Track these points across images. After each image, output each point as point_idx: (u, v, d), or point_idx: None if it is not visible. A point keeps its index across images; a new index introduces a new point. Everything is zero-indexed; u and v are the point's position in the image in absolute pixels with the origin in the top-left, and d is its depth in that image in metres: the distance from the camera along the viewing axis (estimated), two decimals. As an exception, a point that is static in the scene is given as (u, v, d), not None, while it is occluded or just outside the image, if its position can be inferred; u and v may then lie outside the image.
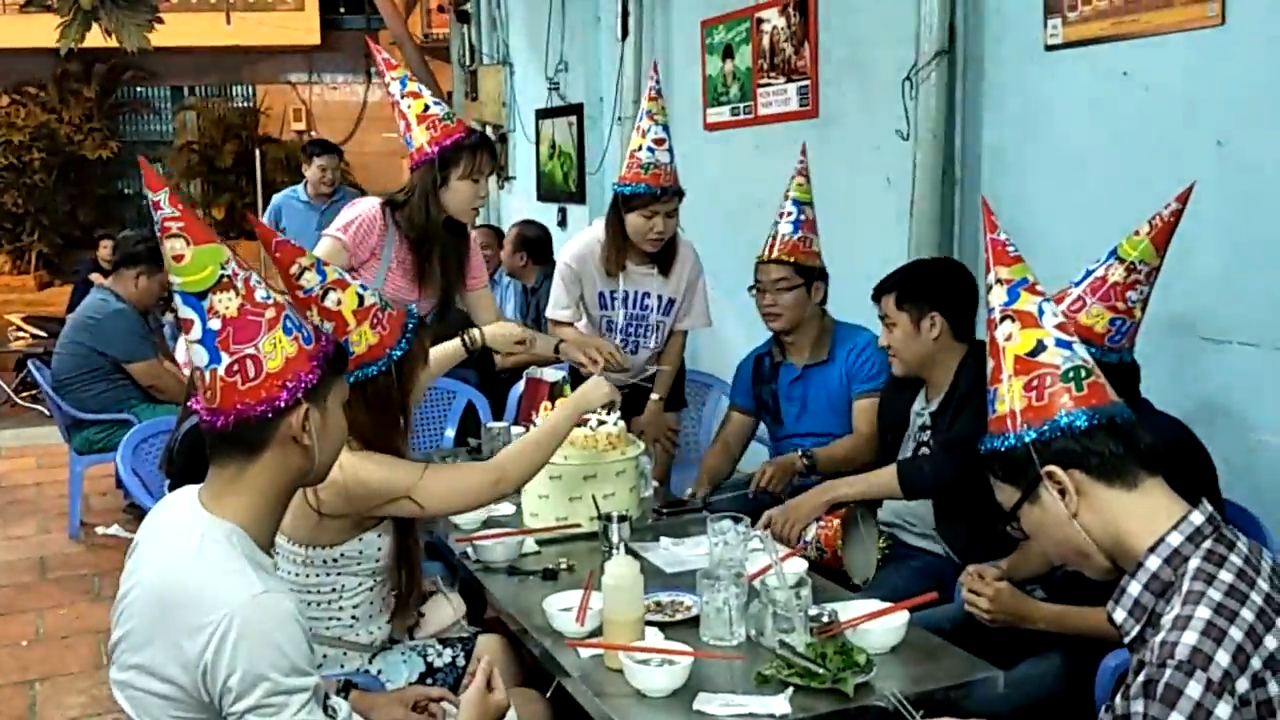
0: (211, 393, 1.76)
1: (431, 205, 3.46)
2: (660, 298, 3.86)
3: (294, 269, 2.34)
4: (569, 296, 3.84)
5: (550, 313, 3.91)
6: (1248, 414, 3.09)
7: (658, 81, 3.81)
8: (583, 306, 3.89)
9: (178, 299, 1.77)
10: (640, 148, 3.68)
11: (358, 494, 2.32)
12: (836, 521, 2.87)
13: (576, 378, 3.45)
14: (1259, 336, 3.07)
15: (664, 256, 3.81)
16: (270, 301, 1.80)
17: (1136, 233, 2.49)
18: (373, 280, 3.42)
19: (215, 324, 1.75)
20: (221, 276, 1.75)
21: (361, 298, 2.38)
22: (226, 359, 1.75)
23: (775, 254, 3.49)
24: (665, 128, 3.71)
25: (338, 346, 1.89)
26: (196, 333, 1.76)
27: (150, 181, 1.75)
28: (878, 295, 3.07)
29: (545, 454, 2.61)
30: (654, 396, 3.88)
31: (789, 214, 3.52)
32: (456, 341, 3.25)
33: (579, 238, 3.95)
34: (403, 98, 3.48)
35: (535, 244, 6.00)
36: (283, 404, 1.76)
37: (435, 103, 3.48)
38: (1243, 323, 3.10)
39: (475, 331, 3.29)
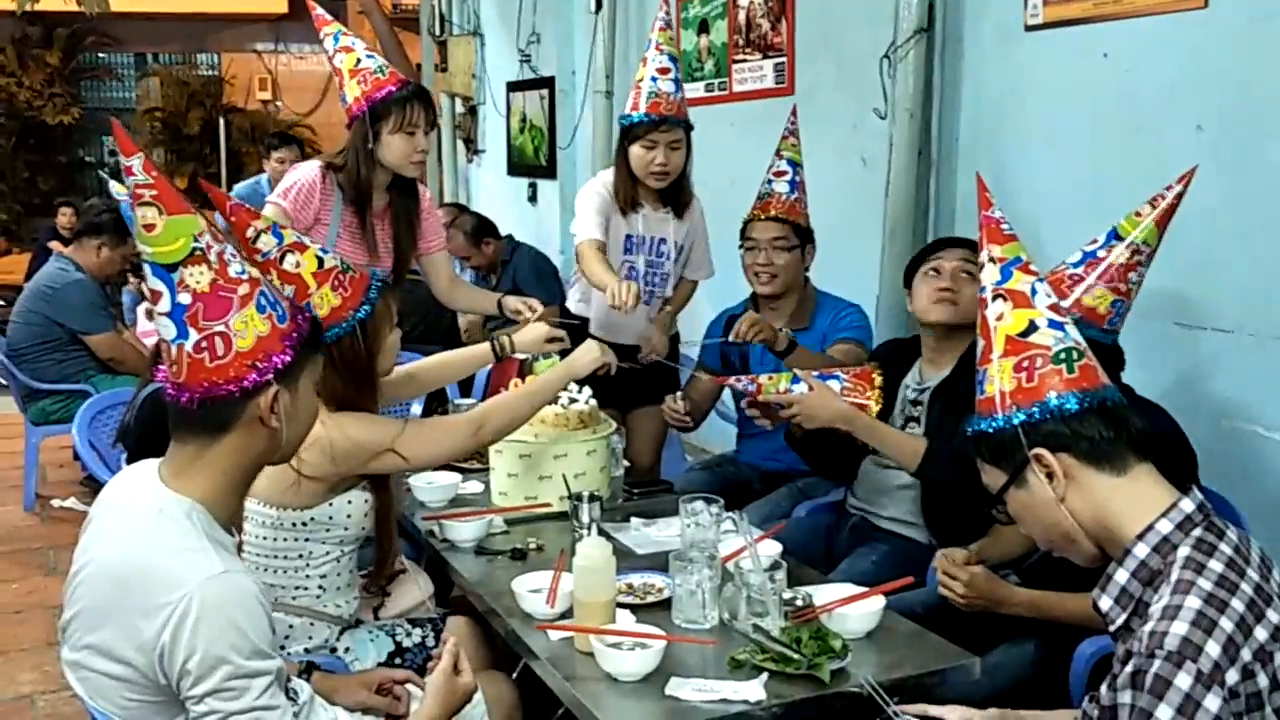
0: (177, 368, 1.69)
1: (364, 163, 3.33)
2: (676, 244, 3.66)
3: (250, 232, 2.30)
4: (600, 215, 3.51)
5: (583, 234, 3.49)
6: (1220, 400, 3.09)
7: (668, 12, 3.66)
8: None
9: (146, 269, 1.69)
10: (644, 77, 3.53)
11: (343, 450, 2.31)
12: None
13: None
14: (1232, 322, 3.06)
15: (678, 198, 3.62)
16: (245, 277, 1.72)
17: (1137, 214, 2.47)
18: None
19: (185, 298, 1.68)
20: (194, 249, 1.68)
21: (321, 260, 2.35)
22: (195, 335, 1.68)
23: (774, 212, 3.41)
24: (671, 57, 3.53)
25: (314, 324, 1.82)
26: (165, 305, 1.68)
27: (124, 145, 1.67)
28: (966, 242, 2.88)
29: (528, 410, 2.63)
30: (669, 309, 3.65)
31: (783, 173, 3.45)
32: (485, 346, 3.15)
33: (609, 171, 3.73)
34: (336, 53, 3.36)
35: (483, 224, 5.81)
36: (251, 385, 1.69)
37: (368, 56, 3.35)
38: (1216, 309, 3.09)
39: (505, 339, 3.18)
